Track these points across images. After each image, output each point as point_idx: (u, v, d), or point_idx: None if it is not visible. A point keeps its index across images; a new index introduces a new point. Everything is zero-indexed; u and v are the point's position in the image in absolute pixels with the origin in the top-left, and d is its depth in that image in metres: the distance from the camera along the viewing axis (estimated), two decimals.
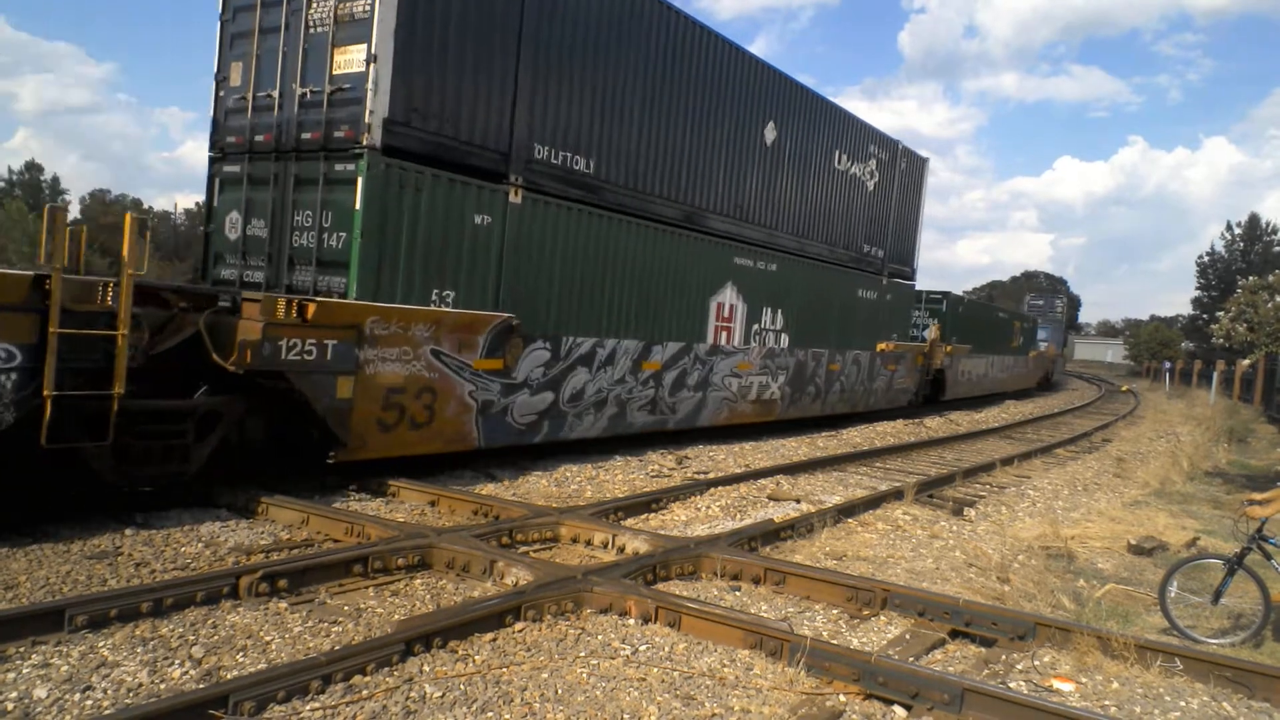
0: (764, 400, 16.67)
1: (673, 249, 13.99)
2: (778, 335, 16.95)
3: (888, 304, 21.62)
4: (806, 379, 18.20)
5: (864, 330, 20.51)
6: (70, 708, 4.33)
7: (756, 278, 16.15)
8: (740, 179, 15.65)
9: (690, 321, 14.49)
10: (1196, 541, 10.08)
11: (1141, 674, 5.66)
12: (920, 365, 23.81)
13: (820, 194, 18.33)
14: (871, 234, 20.72)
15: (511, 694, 4.75)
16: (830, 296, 18.83)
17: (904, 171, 21.93)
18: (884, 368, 21.53)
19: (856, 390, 20.44)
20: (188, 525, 7.79)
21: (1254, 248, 74.03)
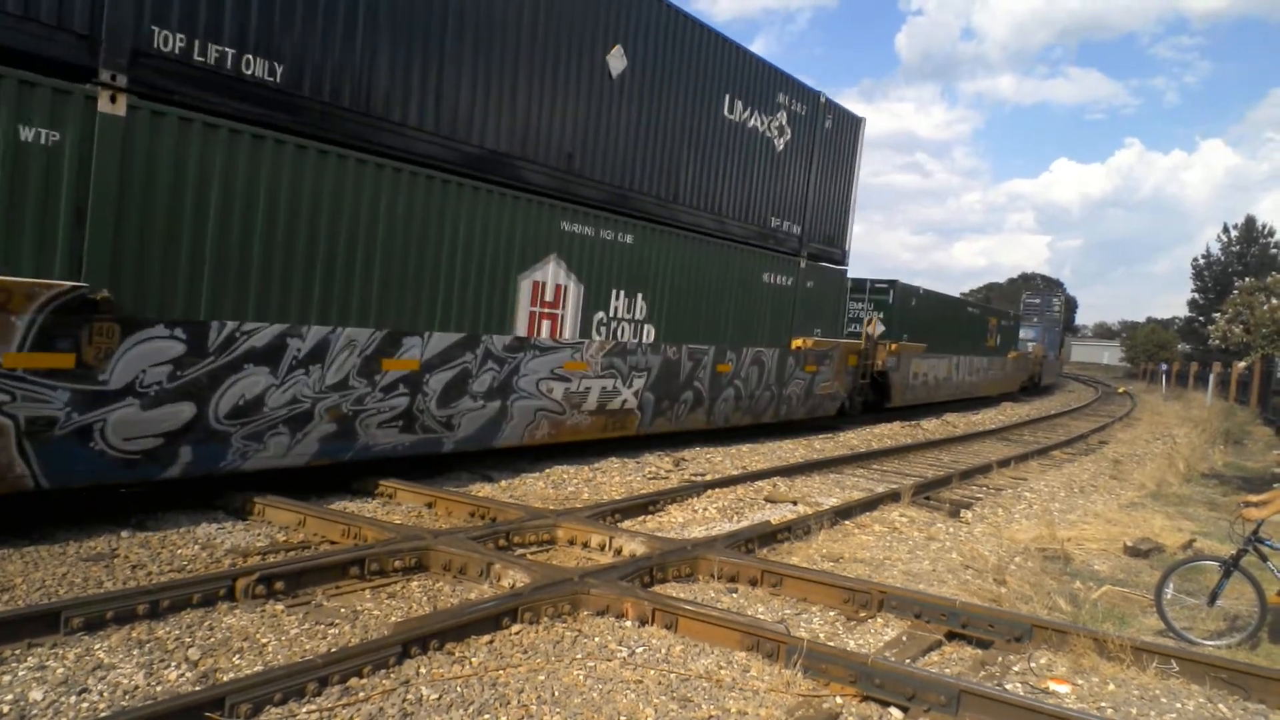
0: (611, 410, 12.97)
1: (446, 204, 9.97)
2: (636, 327, 13.25)
3: (808, 292, 17.69)
4: (681, 383, 14.28)
5: (772, 323, 16.61)
6: (66, 710, 4.32)
7: (600, 251, 12.43)
8: (570, 118, 11.88)
9: (481, 306, 10.62)
10: (1193, 543, 10.09)
11: (1137, 676, 5.67)
12: (854, 366, 20.00)
13: (703, 150, 14.52)
14: (783, 206, 16.87)
15: (508, 696, 4.75)
16: (720, 280, 14.99)
17: (830, 132, 18.09)
18: (801, 369, 17.57)
19: (759, 397, 16.46)
20: (184, 527, 7.78)
21: (1250, 250, 74.12)
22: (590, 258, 12.33)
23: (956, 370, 28.42)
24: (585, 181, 12.37)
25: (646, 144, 13.44)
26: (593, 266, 12.40)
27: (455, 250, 10.23)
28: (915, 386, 24.52)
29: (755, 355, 16.14)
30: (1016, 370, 37.23)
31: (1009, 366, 35.83)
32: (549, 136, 11.62)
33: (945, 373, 27.17)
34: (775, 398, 17.05)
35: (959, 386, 28.88)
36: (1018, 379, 37.90)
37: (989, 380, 32.85)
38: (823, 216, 18.41)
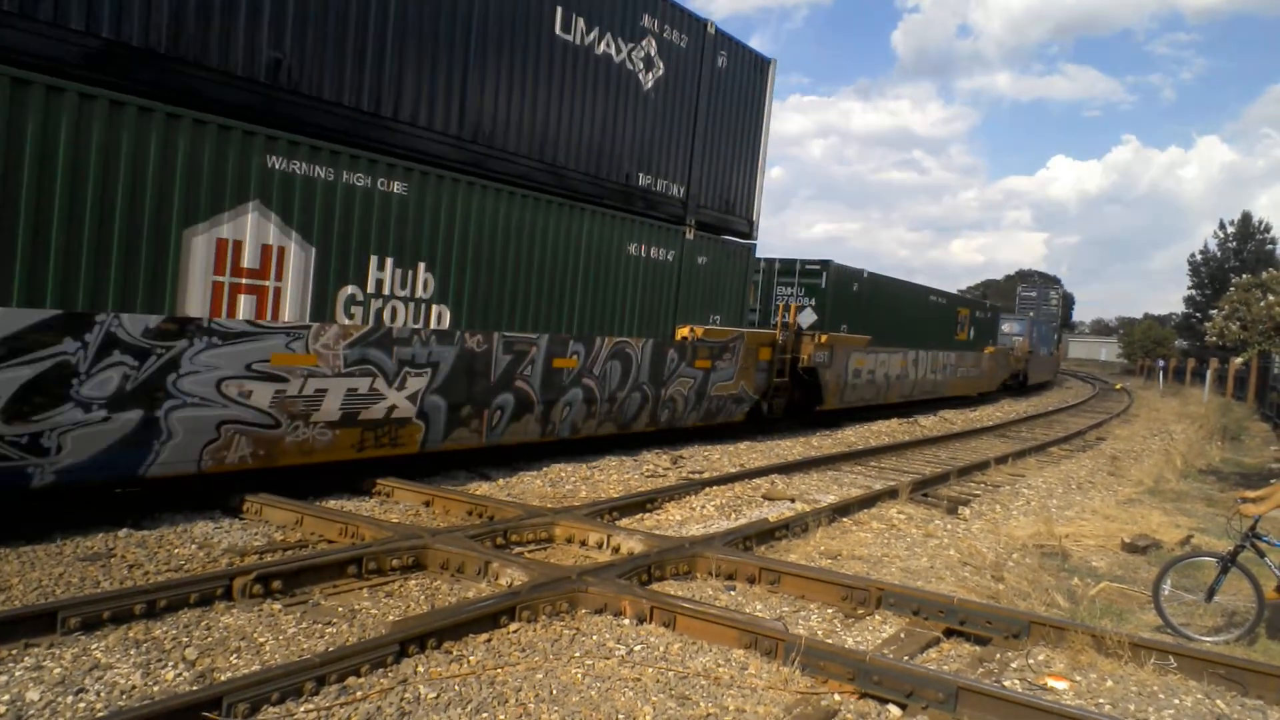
0: (371, 421, 9.57)
1: (31, 116, 6.85)
2: (418, 309, 9.97)
3: (699, 270, 14.55)
4: (494, 384, 10.92)
5: (645, 308, 13.47)
6: (63, 710, 4.31)
7: (345, 203, 9.08)
8: (280, 8, 8.69)
9: (108, 270, 7.40)
10: (1190, 539, 10.10)
11: (1136, 672, 5.67)
12: (767, 361, 16.60)
13: (524, 76, 11.34)
14: (656, 160, 13.66)
15: (506, 694, 4.75)
16: (559, 250, 11.82)
17: (725, 74, 14.87)
18: (688, 364, 14.16)
19: (625, 400, 13.01)
20: (181, 526, 7.77)
21: (1246, 246, 74.14)
22: (327, 211, 8.91)
23: (915, 367, 24.59)
24: (309, 103, 9.00)
25: (420, 56, 10.03)
26: (333, 223, 8.98)
27: (51, 185, 7.00)
28: (858, 385, 20.88)
29: (617, 347, 12.76)
30: (995, 367, 33.40)
31: (985, 363, 31.87)
32: (242, 32, 8.40)
33: (900, 370, 23.46)
34: (650, 400, 13.60)
35: (920, 385, 25.19)
36: (996, 377, 34.09)
37: (960, 378, 29.02)
38: (717, 178, 15.13)
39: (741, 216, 16.08)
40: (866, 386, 21.47)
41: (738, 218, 15.97)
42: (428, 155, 10.19)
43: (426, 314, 10.16)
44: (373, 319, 9.57)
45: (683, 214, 14.41)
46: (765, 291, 20.49)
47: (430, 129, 10.32)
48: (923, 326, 25.43)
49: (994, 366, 33.15)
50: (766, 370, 16.77)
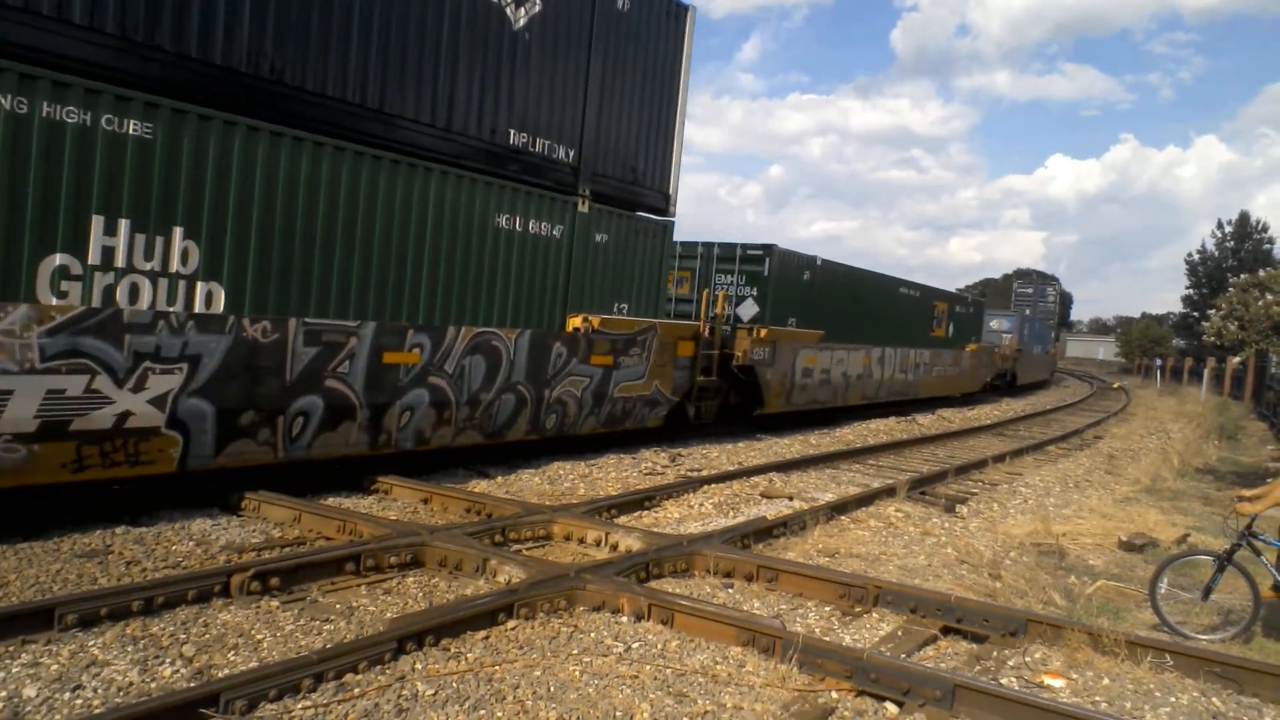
0: (95, 433, 7.43)
1: None
2: (173, 286, 7.88)
3: (599, 250, 12.44)
4: (290, 385, 8.71)
5: (526, 293, 11.31)
6: (60, 707, 4.31)
7: (45, 143, 7.00)
8: None
9: None
10: (1187, 538, 10.12)
11: (1132, 670, 5.68)
12: (689, 358, 14.52)
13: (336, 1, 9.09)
14: (537, 116, 11.41)
15: (504, 692, 4.75)
16: (395, 218, 9.55)
17: (627, 19, 12.69)
18: (582, 360, 12.08)
19: (494, 404, 10.83)
20: (179, 523, 7.77)
21: (1244, 245, 74.22)
22: (18, 154, 6.83)
23: (882, 365, 22.29)
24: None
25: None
26: (26, 170, 6.89)
27: None
28: (809, 386, 18.72)
29: (480, 340, 10.54)
30: (978, 366, 30.73)
31: (966, 362, 29.22)
32: None
33: (862, 368, 21.17)
34: (530, 403, 11.37)
35: (888, 385, 22.83)
36: (980, 376, 31.37)
37: (937, 378, 26.43)
38: (620, 142, 12.89)
39: (654, 189, 13.72)
40: (820, 387, 19.22)
41: (649, 190, 13.62)
42: (178, 85, 7.88)
43: (189, 294, 7.95)
44: (99, 298, 7.33)
45: (574, 182, 12.05)
46: (704, 280, 18.02)
47: (182, 54, 7.88)
48: (892, 321, 22.94)
49: (976, 365, 30.55)
50: (688, 368, 14.58)
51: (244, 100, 8.43)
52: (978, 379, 31.21)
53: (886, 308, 22.74)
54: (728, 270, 18.07)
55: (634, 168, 13.30)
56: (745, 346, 16.35)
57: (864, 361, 21.29)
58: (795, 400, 18.30)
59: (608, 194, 12.76)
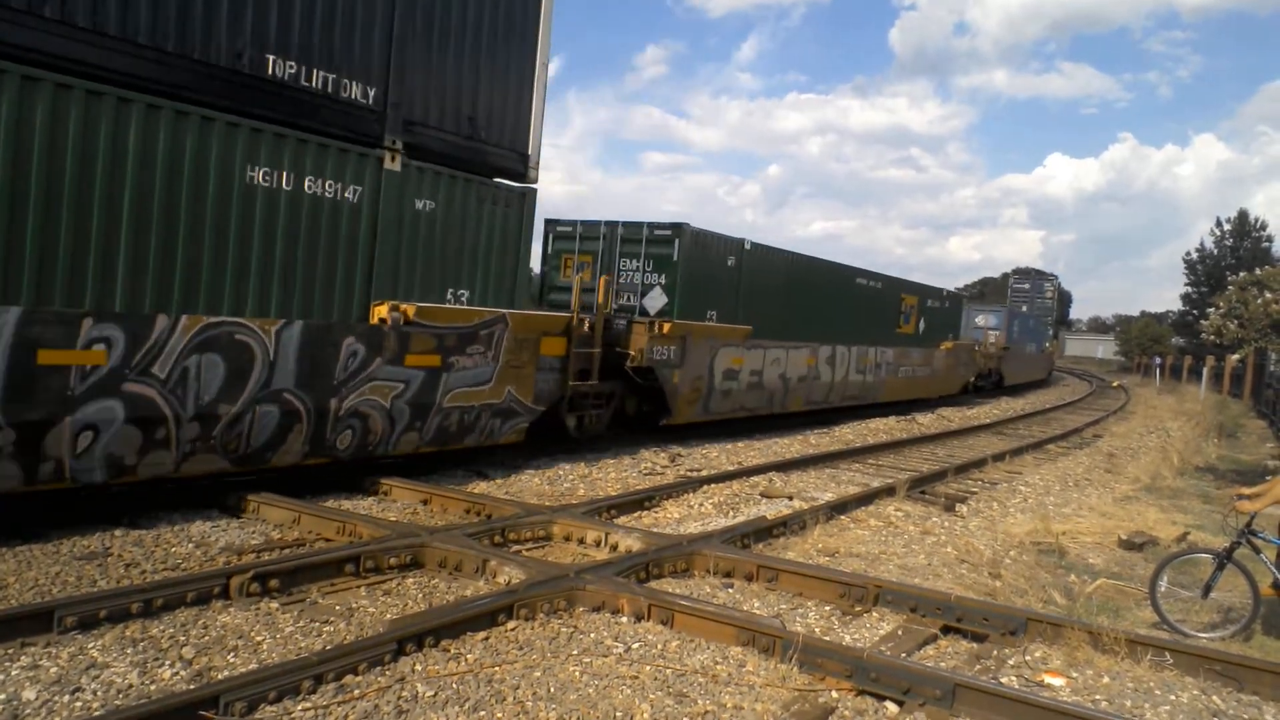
0: None
1: None
2: None
3: (420, 219, 9.83)
4: None
5: (304, 273, 8.77)
6: (60, 709, 4.31)
7: None
8: None
9: None
10: (1186, 536, 10.12)
11: (1132, 668, 5.68)
12: (561, 358, 11.88)
13: None
14: (317, 41, 8.77)
15: (504, 693, 4.74)
16: (48, 163, 6.93)
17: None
18: (394, 363, 9.49)
19: (245, 419, 8.21)
20: (178, 525, 7.76)
21: (1243, 244, 74.20)
22: None
23: (832, 366, 19.55)
24: None
25: None
26: None
27: None
28: (733, 391, 15.90)
29: (214, 334, 7.93)
30: (954, 365, 27.79)
31: (940, 361, 26.27)
32: None
33: (806, 369, 18.41)
34: (308, 417, 8.76)
35: (840, 389, 20.07)
36: (957, 377, 28.47)
37: (903, 379, 23.65)
38: (451, 84, 10.14)
39: (504, 147, 10.88)
40: (749, 392, 16.39)
41: (497, 148, 10.78)
42: None
43: None
44: None
45: (377, 131, 9.36)
46: (607, 267, 15.43)
47: None
48: (847, 316, 20.33)
49: (952, 365, 27.61)
50: (558, 370, 11.83)
51: None
52: (954, 380, 28.46)
53: (840, 301, 20.09)
54: (633, 254, 15.18)
55: (472, 118, 10.40)
56: (642, 344, 13.41)
57: (808, 361, 18.50)
58: (716, 407, 15.54)
59: (434, 150, 10.00)
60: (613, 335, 13.46)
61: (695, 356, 14.65)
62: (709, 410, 15.44)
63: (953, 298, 28.97)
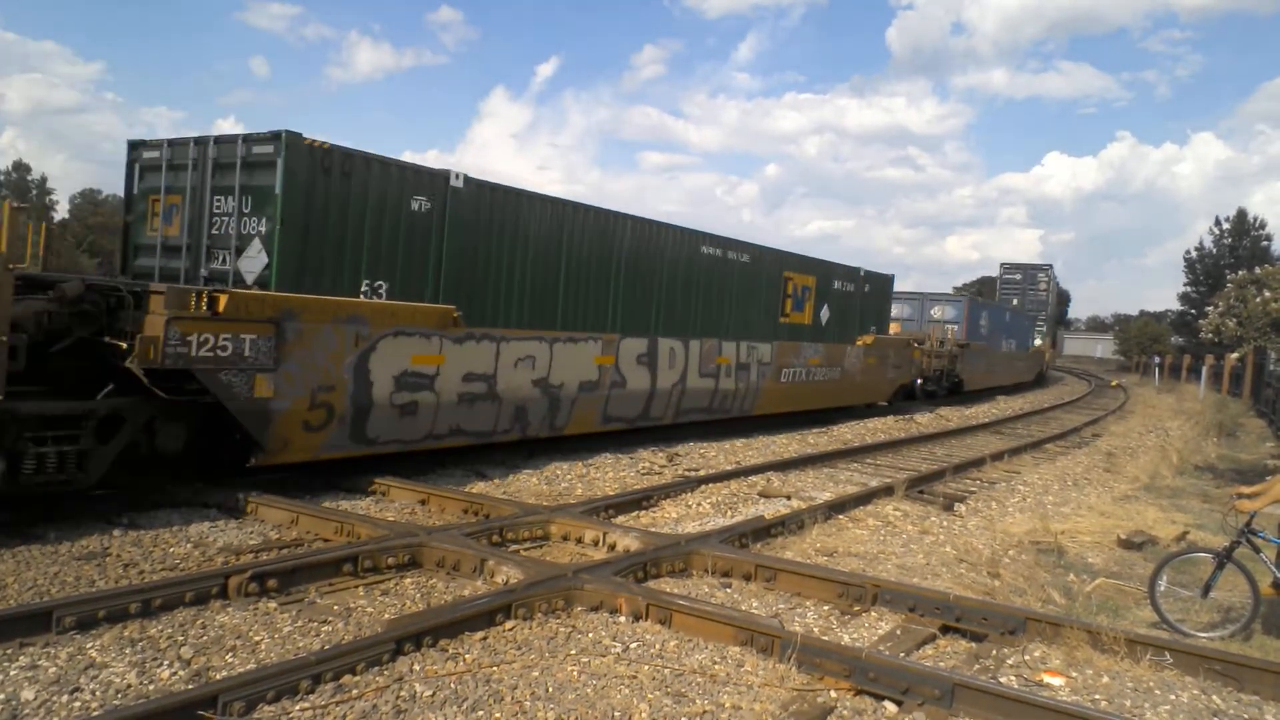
0: None
1: None
2: None
3: None
4: None
5: None
6: (58, 709, 4.30)
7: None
8: None
9: None
10: (1186, 535, 10.12)
11: (1132, 668, 5.68)
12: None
13: None
14: None
15: (502, 692, 4.74)
16: None
17: None
18: None
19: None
20: (176, 525, 7.76)
21: (1242, 243, 74.23)
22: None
23: (652, 367, 14.11)
24: None
25: None
26: None
27: None
28: (425, 408, 10.37)
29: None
30: (879, 367, 22.11)
31: (853, 361, 20.64)
32: None
33: (595, 372, 12.92)
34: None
35: (671, 399, 14.68)
36: (883, 381, 22.71)
37: (793, 385, 18.22)
38: None
39: None
40: (462, 408, 10.83)
41: None
42: None
43: None
44: None
45: None
46: (199, 209, 10.15)
47: None
48: (688, 299, 15.32)
49: (876, 365, 21.83)
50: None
51: None
52: (877, 384, 22.47)
53: (674, 278, 14.95)
54: (228, 189, 9.84)
55: None
56: (158, 331, 7.76)
57: (600, 361, 13.04)
58: (384, 432, 9.98)
59: None
60: (95, 313, 7.98)
61: (312, 352, 9.08)
62: (368, 438, 9.84)
63: (875, 279, 22.00)
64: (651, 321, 14.51)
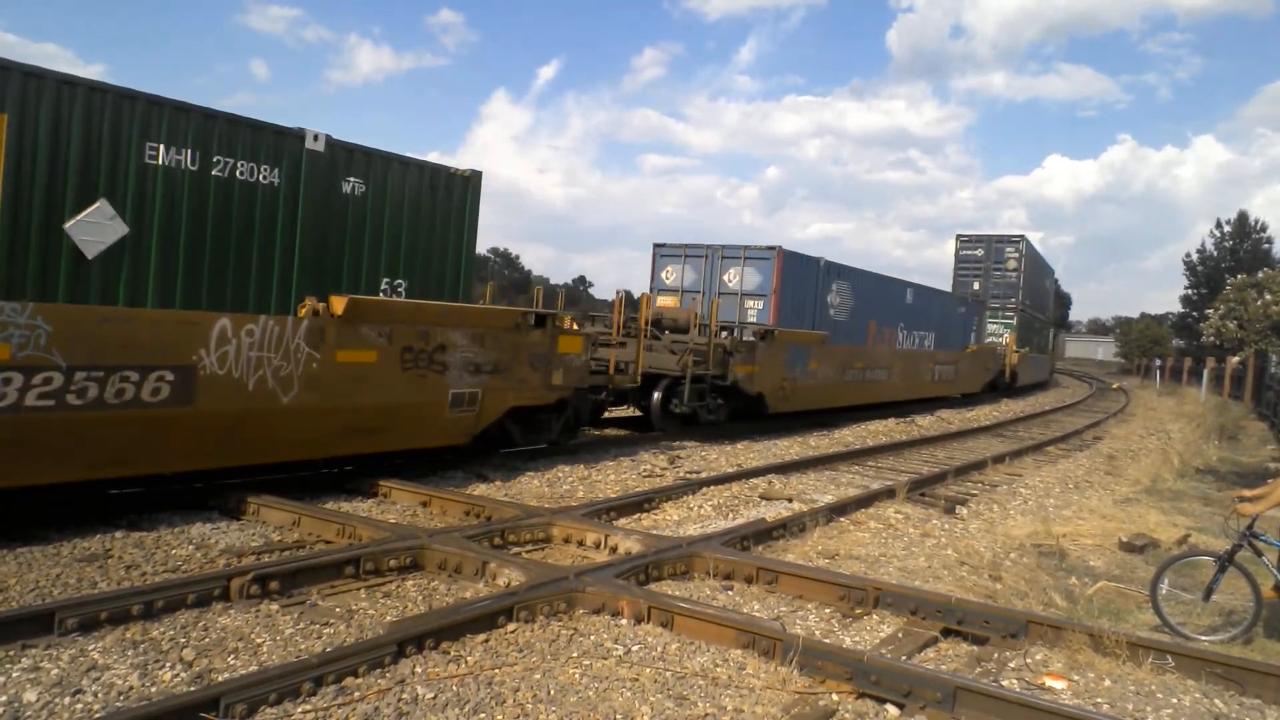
0: None
1: None
2: None
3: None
4: None
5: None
6: (60, 711, 4.30)
7: None
8: None
9: None
10: (1188, 539, 10.11)
11: (1134, 671, 5.68)
12: None
13: None
14: None
15: (504, 695, 4.74)
16: None
17: None
18: None
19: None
20: (178, 527, 7.76)
21: (1243, 245, 74.20)
22: None
23: None
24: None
25: None
26: None
27: None
28: None
29: None
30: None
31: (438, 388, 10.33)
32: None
33: None
34: None
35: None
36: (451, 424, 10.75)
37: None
38: None
39: None
40: None
41: None
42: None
43: None
44: None
45: None
46: None
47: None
48: None
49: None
50: None
51: None
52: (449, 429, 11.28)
53: None
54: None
55: None
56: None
57: None
58: None
59: None
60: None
61: None
62: None
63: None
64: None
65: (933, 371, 26.14)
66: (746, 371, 16.56)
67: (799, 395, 18.46)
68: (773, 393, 17.44)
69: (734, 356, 16.35)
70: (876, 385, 22.17)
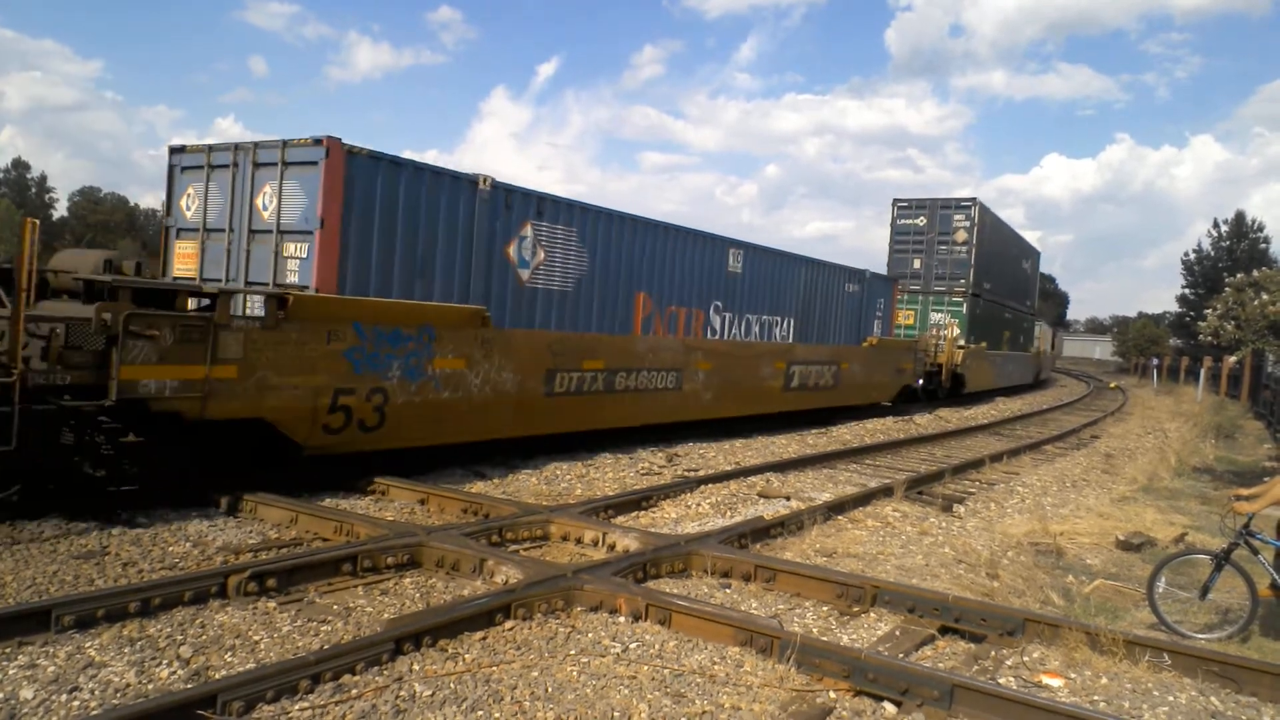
0: None
1: None
2: None
3: None
4: None
5: None
6: (57, 709, 4.30)
7: None
8: None
9: None
10: (1184, 537, 10.13)
11: (1130, 669, 5.68)
12: None
13: None
14: None
15: (502, 692, 4.74)
16: None
17: None
18: None
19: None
20: (175, 524, 7.75)
21: (1240, 245, 74.26)
22: None
23: None
24: None
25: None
26: None
27: None
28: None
29: None
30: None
31: None
32: None
33: None
34: None
35: None
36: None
37: None
38: None
39: None
40: None
41: None
42: None
43: None
44: None
45: None
46: None
47: None
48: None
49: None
50: None
51: None
52: None
53: None
54: None
55: None
56: None
57: None
58: None
59: None
60: None
61: None
62: None
63: None
64: None
65: (787, 375, 18.31)
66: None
67: (400, 423, 9.96)
68: (298, 425, 8.91)
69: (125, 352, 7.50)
70: (648, 399, 14.19)
